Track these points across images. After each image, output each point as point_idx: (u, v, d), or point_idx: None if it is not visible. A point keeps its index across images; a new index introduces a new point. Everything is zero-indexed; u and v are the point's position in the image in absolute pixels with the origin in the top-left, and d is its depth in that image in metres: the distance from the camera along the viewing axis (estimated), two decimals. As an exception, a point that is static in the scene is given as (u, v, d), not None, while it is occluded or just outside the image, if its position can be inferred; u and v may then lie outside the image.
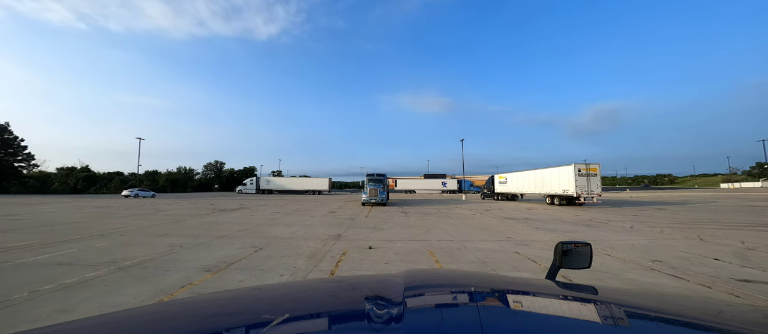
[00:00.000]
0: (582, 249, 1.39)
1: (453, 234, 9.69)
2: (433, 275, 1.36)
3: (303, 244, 8.03)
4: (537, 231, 10.40)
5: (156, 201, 30.37)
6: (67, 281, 4.89)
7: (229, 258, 6.43)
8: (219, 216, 15.32)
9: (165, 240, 8.55)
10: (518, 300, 0.89)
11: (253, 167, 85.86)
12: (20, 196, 44.87)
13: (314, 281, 1.27)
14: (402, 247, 7.68)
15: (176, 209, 20.20)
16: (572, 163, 21.37)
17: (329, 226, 11.68)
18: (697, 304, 0.95)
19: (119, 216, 15.27)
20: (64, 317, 3.61)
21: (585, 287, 1.03)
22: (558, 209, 20.42)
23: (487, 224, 12.24)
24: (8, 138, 54.90)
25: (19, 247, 7.51)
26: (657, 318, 0.77)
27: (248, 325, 0.70)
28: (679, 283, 4.91)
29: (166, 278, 5.04)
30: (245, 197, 43.11)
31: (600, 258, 6.37)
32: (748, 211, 16.89)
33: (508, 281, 1.23)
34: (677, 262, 6.15)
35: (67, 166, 63.15)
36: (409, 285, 0.97)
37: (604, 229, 10.87)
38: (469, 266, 5.97)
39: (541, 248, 7.60)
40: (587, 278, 4.80)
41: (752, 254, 6.82)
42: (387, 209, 20.27)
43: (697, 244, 7.98)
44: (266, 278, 5.15)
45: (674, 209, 19.03)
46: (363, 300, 0.89)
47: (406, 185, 69.71)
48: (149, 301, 4.10)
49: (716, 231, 10.03)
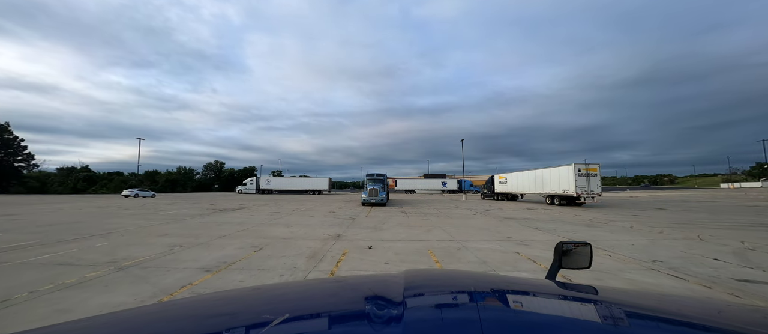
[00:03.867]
0: (582, 249, 1.39)
1: (453, 234, 9.69)
2: (433, 275, 1.36)
3: (303, 244, 8.03)
4: (537, 231, 10.40)
5: (156, 201, 30.36)
6: (66, 281, 4.89)
7: (229, 258, 6.43)
8: (219, 216, 15.31)
9: (165, 240, 8.55)
10: (518, 300, 0.89)
11: (253, 167, 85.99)
12: (20, 196, 44.86)
13: (314, 281, 1.27)
14: (402, 247, 7.68)
15: (176, 208, 20.19)
16: (572, 163, 21.37)
17: (329, 226, 11.68)
18: (697, 304, 0.95)
19: (119, 216, 15.26)
20: (64, 317, 3.60)
21: (585, 287, 1.03)
22: (558, 209, 20.41)
23: (487, 224, 12.23)
24: (8, 138, 54.88)
25: (19, 247, 7.51)
26: (657, 318, 0.76)
27: (248, 325, 0.70)
28: (679, 283, 4.91)
29: (166, 278, 5.04)
30: (245, 196, 43.09)
31: (600, 258, 6.36)
32: (748, 211, 16.89)
33: (508, 281, 1.23)
34: (677, 262, 6.15)
35: (67, 166, 63.25)
36: (409, 285, 0.97)
37: (604, 229, 10.87)
38: (469, 266, 5.97)
39: (541, 248, 7.60)
40: (587, 278, 4.80)
41: (752, 254, 6.82)
42: (387, 209, 20.27)
43: (697, 244, 7.98)
44: (266, 278, 5.15)
45: (674, 209, 19.03)
46: (363, 300, 0.88)
47: (406, 185, 69.71)
48: (149, 301, 4.10)
49: (716, 231, 10.03)
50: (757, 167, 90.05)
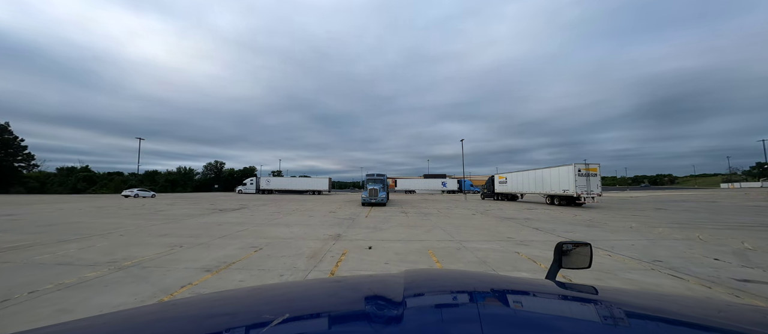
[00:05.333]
0: (582, 249, 1.39)
1: (453, 234, 9.69)
2: (433, 275, 1.36)
3: (303, 244, 8.03)
4: (537, 231, 10.40)
5: (156, 201, 30.36)
6: (66, 280, 4.89)
7: (229, 258, 6.43)
8: (219, 216, 15.31)
9: (165, 240, 8.54)
10: (518, 300, 0.89)
11: (253, 167, 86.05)
12: (20, 196, 44.85)
13: (314, 281, 1.27)
14: (402, 247, 7.68)
15: (176, 208, 20.19)
16: (572, 163, 21.37)
17: (329, 226, 11.67)
18: (697, 304, 0.95)
19: (119, 216, 15.26)
20: (64, 317, 3.60)
21: (585, 287, 1.03)
22: (558, 209, 20.41)
23: (486, 224, 12.23)
24: (8, 138, 54.87)
25: (19, 247, 7.51)
26: (657, 318, 0.76)
27: (248, 325, 0.70)
28: (679, 283, 4.91)
29: (166, 278, 5.03)
30: (245, 196, 43.10)
31: (600, 258, 6.36)
32: (748, 211, 16.89)
33: (508, 281, 1.23)
34: (677, 262, 6.15)
35: (67, 166, 63.30)
36: (409, 285, 0.97)
37: (604, 229, 10.87)
38: (469, 266, 5.97)
39: (541, 248, 7.60)
40: (587, 278, 4.80)
41: (752, 254, 6.82)
42: (387, 209, 20.26)
43: (697, 244, 7.97)
44: (266, 278, 5.15)
45: (674, 209, 19.03)
46: (363, 300, 0.88)
47: (406, 184, 69.76)
48: (149, 301, 4.10)
49: (716, 231, 10.03)
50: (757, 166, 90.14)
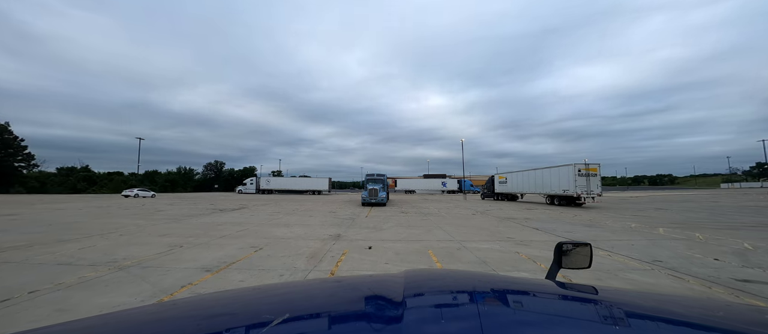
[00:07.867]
0: (582, 249, 1.39)
1: (453, 234, 9.69)
2: (433, 275, 1.36)
3: (303, 244, 8.03)
4: (537, 231, 10.40)
5: (156, 201, 30.36)
6: (66, 280, 4.89)
7: (229, 258, 6.43)
8: (219, 216, 15.31)
9: (165, 240, 8.54)
10: (518, 300, 0.89)
11: (253, 167, 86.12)
12: (20, 196, 44.85)
13: (314, 281, 1.27)
14: (402, 247, 7.68)
15: (176, 208, 20.18)
16: (572, 163, 21.35)
17: (329, 226, 11.67)
18: (697, 304, 0.95)
19: (119, 216, 15.26)
20: (64, 317, 3.60)
21: (585, 287, 1.03)
22: (558, 209, 20.41)
23: (486, 224, 12.23)
24: (8, 138, 54.86)
25: (19, 247, 7.51)
26: (657, 318, 0.76)
27: (248, 325, 0.70)
28: (679, 283, 4.91)
29: (166, 278, 5.03)
30: (245, 196, 43.11)
31: (600, 258, 6.36)
32: (748, 211, 16.89)
33: (508, 281, 1.23)
34: (677, 262, 6.15)
35: (67, 166, 63.31)
36: (409, 285, 0.97)
37: (604, 229, 10.87)
38: (469, 266, 5.97)
39: (541, 248, 7.60)
40: (587, 278, 4.80)
41: (752, 254, 6.82)
42: (387, 209, 20.26)
43: (697, 244, 7.97)
44: (266, 278, 5.15)
45: (674, 209, 19.03)
46: (363, 300, 0.88)
47: (406, 184, 69.74)
48: (149, 301, 4.10)
49: (716, 231, 10.03)
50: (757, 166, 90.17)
